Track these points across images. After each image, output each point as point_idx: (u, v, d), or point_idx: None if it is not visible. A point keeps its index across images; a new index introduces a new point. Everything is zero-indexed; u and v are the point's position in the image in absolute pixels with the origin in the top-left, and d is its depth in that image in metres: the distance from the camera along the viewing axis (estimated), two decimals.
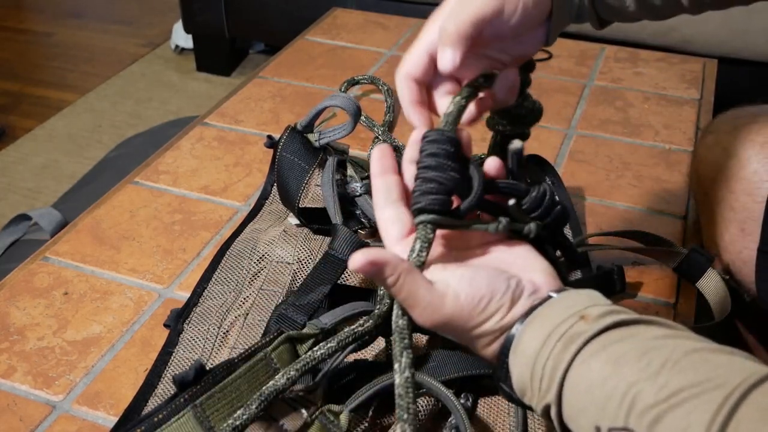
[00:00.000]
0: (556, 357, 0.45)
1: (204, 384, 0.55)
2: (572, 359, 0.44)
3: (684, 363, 0.41)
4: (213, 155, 1.02)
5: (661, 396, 0.39)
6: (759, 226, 0.76)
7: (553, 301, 0.48)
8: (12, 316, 0.76)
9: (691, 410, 0.38)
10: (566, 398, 0.44)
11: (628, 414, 0.40)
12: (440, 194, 0.49)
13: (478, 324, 0.48)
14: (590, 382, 0.43)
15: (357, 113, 0.83)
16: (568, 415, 0.45)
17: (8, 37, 2.73)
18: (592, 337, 0.44)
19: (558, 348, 0.45)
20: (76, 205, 1.27)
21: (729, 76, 1.36)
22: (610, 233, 0.84)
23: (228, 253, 0.81)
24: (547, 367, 0.45)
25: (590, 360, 0.43)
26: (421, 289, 0.47)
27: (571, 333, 0.45)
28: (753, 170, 0.78)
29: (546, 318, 0.47)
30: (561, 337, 0.45)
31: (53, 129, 2.16)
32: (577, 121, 1.11)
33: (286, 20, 2.07)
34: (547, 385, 0.45)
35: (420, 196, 0.49)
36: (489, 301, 0.48)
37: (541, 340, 0.46)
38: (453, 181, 0.49)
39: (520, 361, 0.47)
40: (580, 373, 0.44)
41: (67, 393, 0.67)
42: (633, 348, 0.43)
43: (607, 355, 0.43)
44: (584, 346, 0.44)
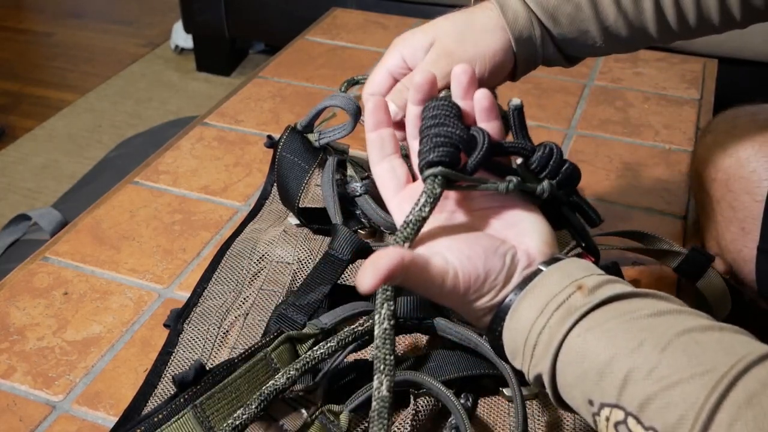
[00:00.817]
0: (553, 328, 0.45)
1: (204, 384, 0.55)
2: (568, 331, 0.44)
3: (677, 344, 0.41)
4: (213, 155, 1.02)
5: (653, 377, 0.40)
6: (759, 225, 0.76)
7: (550, 270, 0.48)
8: (12, 316, 0.76)
9: (681, 394, 0.39)
10: (560, 369, 0.45)
11: (621, 392, 0.41)
12: (449, 147, 0.47)
13: (473, 300, 0.49)
14: (585, 356, 0.43)
15: (357, 113, 0.83)
16: (561, 384, 0.45)
17: (8, 37, 2.73)
18: (588, 311, 0.44)
19: (555, 319, 0.45)
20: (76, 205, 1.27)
21: (729, 76, 1.36)
22: (610, 233, 0.84)
23: (228, 253, 0.81)
24: (543, 336, 0.45)
25: (586, 334, 0.44)
26: (423, 274, 0.47)
27: (568, 305, 0.45)
28: (752, 169, 0.78)
29: (542, 288, 0.47)
30: (558, 307, 0.45)
31: (53, 129, 2.16)
32: (577, 121, 1.11)
33: (286, 20, 2.08)
34: (541, 354, 0.46)
35: (428, 151, 0.48)
36: (484, 281, 0.48)
37: (537, 310, 0.46)
38: (460, 137, 0.48)
39: (515, 329, 0.47)
40: (575, 346, 0.44)
41: (67, 393, 0.67)
42: (628, 326, 0.43)
43: (602, 331, 0.43)
44: (581, 320, 0.44)
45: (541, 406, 0.65)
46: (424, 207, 0.47)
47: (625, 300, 0.45)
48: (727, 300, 0.75)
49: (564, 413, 0.64)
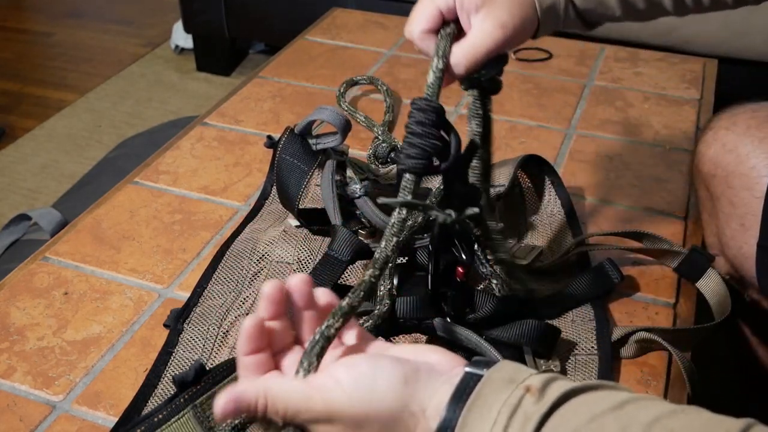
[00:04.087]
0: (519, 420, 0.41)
1: (204, 384, 0.55)
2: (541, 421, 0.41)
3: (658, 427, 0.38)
4: (213, 155, 1.02)
5: None
6: (758, 221, 0.76)
7: (488, 375, 0.44)
8: (12, 316, 0.76)
9: None
10: None
11: None
12: (422, 159, 0.57)
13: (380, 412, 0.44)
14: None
15: (345, 127, 0.84)
16: None
17: (8, 37, 2.73)
18: (546, 416, 0.41)
19: (513, 430, 0.41)
20: (76, 205, 1.27)
21: (729, 76, 1.36)
22: (610, 233, 0.84)
23: (228, 253, 0.81)
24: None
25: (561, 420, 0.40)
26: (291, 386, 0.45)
27: (523, 412, 0.41)
28: (752, 166, 0.78)
29: (487, 395, 0.43)
30: (512, 414, 0.41)
31: (53, 129, 2.16)
32: (577, 121, 1.11)
33: (286, 20, 2.07)
34: None
35: (406, 158, 0.57)
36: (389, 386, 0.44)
37: (490, 421, 0.41)
38: (434, 149, 0.57)
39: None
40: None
41: (67, 393, 0.67)
42: (593, 426, 0.40)
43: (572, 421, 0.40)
44: (541, 428, 0.40)
45: None
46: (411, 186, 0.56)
47: (579, 396, 0.42)
48: (727, 300, 0.75)
49: None
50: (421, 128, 0.57)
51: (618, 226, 0.89)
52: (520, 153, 0.88)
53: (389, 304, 0.66)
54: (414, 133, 0.57)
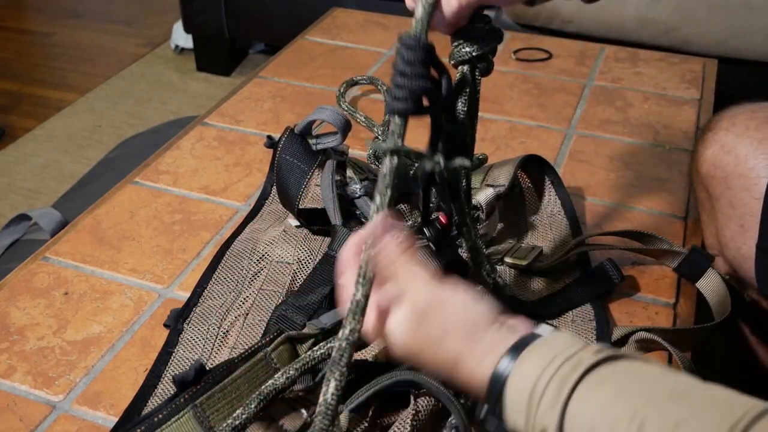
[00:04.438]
0: (563, 376, 0.44)
1: (204, 384, 0.55)
2: (579, 379, 0.44)
3: (690, 395, 0.41)
4: (213, 155, 1.02)
5: (670, 423, 0.39)
6: (757, 222, 0.76)
7: (554, 334, 0.48)
8: (12, 316, 0.76)
9: None
10: (570, 418, 0.43)
11: None
12: (410, 100, 0.53)
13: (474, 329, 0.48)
14: (598, 404, 0.43)
15: (345, 127, 0.84)
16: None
17: (8, 37, 2.73)
18: (597, 363, 0.44)
19: (564, 369, 0.44)
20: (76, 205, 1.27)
21: (729, 76, 1.36)
22: (610, 233, 0.84)
23: (228, 253, 0.81)
24: (552, 384, 0.44)
25: (599, 384, 0.43)
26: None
27: (577, 359, 0.45)
28: (750, 167, 0.78)
29: (551, 343, 0.47)
30: (565, 361, 0.45)
31: (53, 129, 2.16)
32: (577, 121, 1.11)
33: (286, 20, 2.07)
34: (549, 404, 0.44)
35: (393, 100, 0.54)
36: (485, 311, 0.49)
37: (546, 360, 0.45)
38: (424, 89, 0.54)
39: (520, 381, 0.46)
40: (587, 395, 0.43)
41: (67, 393, 0.67)
42: (639, 378, 0.43)
43: (615, 381, 0.43)
44: (591, 370, 0.44)
45: None
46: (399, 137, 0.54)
47: (630, 360, 0.45)
48: (727, 300, 0.75)
49: None
50: (410, 68, 0.53)
51: (618, 226, 0.89)
52: (520, 153, 0.88)
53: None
54: (402, 73, 0.53)
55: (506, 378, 0.47)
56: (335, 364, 0.50)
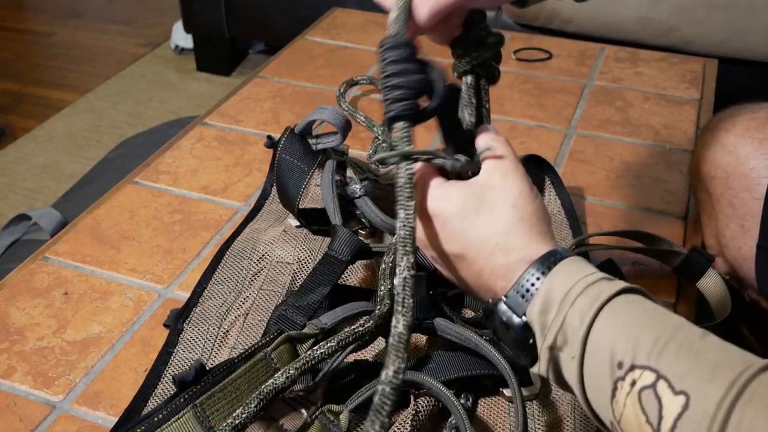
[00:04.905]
0: (602, 285, 0.47)
1: (204, 384, 0.55)
2: (618, 293, 0.47)
3: (711, 337, 0.44)
4: (213, 155, 1.02)
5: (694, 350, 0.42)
6: (758, 222, 0.76)
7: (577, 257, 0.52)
8: (12, 316, 0.76)
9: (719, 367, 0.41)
10: (598, 325, 0.46)
11: (659, 356, 0.42)
12: (409, 99, 0.52)
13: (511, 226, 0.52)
14: (628, 318, 0.46)
15: (345, 127, 0.84)
16: (593, 339, 0.46)
17: (8, 37, 2.73)
18: (633, 290, 0.48)
19: (604, 283, 0.48)
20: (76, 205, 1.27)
21: (729, 76, 1.37)
22: (610, 233, 0.84)
23: (228, 253, 0.81)
24: (592, 288, 0.47)
25: (634, 302, 0.47)
26: None
27: (613, 282, 0.48)
28: (751, 167, 0.78)
29: (587, 264, 0.51)
30: (605, 277, 0.48)
31: (53, 129, 2.16)
32: (577, 121, 1.11)
33: (286, 20, 2.08)
34: (587, 303, 0.47)
35: (391, 104, 0.52)
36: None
37: (587, 270, 0.49)
38: (418, 83, 0.52)
39: (563, 275, 0.49)
40: (621, 307, 0.46)
41: (67, 393, 0.67)
42: (668, 312, 0.46)
43: (646, 306, 0.47)
44: (627, 292, 0.47)
45: (541, 406, 0.65)
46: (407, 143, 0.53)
47: (655, 302, 0.48)
48: (727, 300, 0.75)
49: (564, 413, 0.64)
50: (398, 66, 0.52)
51: (618, 226, 0.89)
52: (520, 153, 0.88)
53: (389, 304, 0.66)
54: (391, 74, 0.52)
55: (539, 280, 0.49)
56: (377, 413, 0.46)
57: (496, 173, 0.54)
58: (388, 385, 0.45)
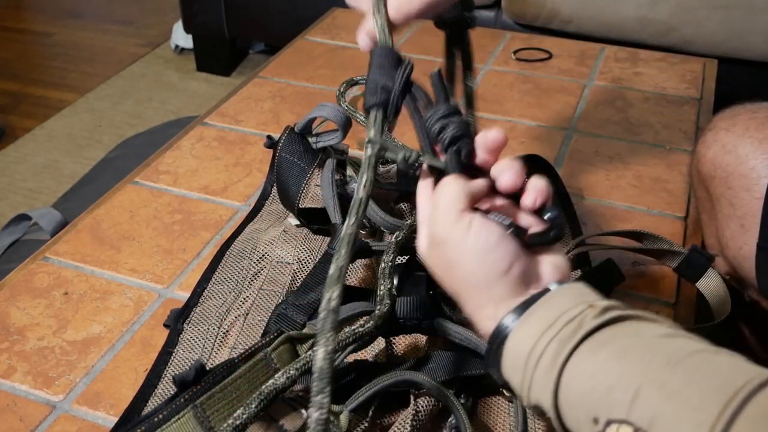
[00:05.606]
0: (563, 340, 0.44)
1: (204, 384, 0.55)
2: (577, 345, 0.44)
3: (688, 363, 0.40)
4: (213, 155, 1.02)
5: (664, 393, 0.39)
6: (758, 222, 0.76)
7: (563, 288, 0.48)
8: (12, 316, 0.76)
9: (694, 409, 0.38)
10: (565, 384, 0.44)
11: (631, 407, 0.40)
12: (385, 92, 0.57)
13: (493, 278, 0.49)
14: (595, 371, 0.43)
15: (345, 124, 0.84)
16: (563, 401, 0.44)
17: (8, 37, 2.73)
18: (599, 328, 0.44)
19: (565, 332, 0.44)
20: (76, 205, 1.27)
21: (729, 76, 1.37)
22: (610, 233, 0.84)
23: (228, 253, 0.81)
24: (551, 346, 0.45)
25: (597, 350, 0.43)
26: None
27: (579, 320, 0.45)
28: (751, 167, 0.78)
29: (554, 302, 0.47)
30: (569, 321, 0.45)
31: (53, 129, 2.16)
32: (577, 121, 1.11)
33: (286, 20, 2.08)
34: (547, 366, 0.44)
35: (369, 95, 0.57)
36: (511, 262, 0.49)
37: (548, 322, 0.45)
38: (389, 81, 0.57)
39: (521, 339, 0.46)
40: (584, 360, 0.43)
41: (67, 393, 0.67)
42: (639, 344, 0.43)
43: (613, 348, 0.43)
44: (591, 335, 0.44)
45: None
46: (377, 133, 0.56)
47: (633, 321, 0.45)
48: (727, 300, 0.75)
49: None
50: (382, 69, 0.58)
51: (618, 226, 0.89)
52: (520, 153, 0.88)
53: (389, 305, 0.66)
54: (375, 73, 0.58)
55: (506, 336, 0.47)
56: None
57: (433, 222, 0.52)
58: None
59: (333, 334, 0.48)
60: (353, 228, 0.53)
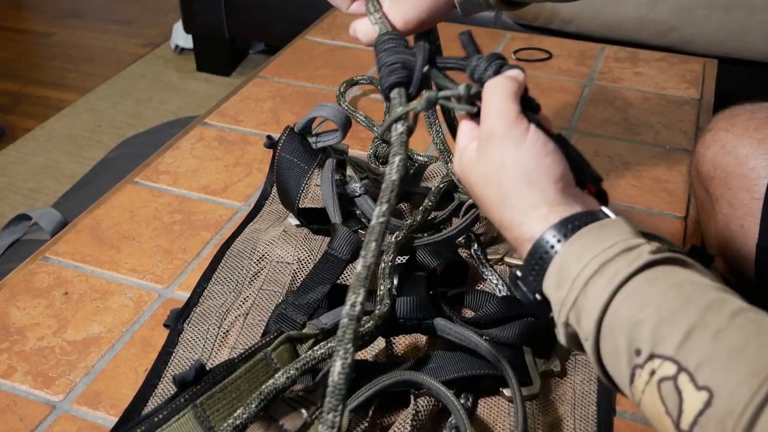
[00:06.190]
0: (620, 263, 0.44)
1: (204, 384, 0.55)
2: (636, 272, 0.43)
3: (745, 316, 0.40)
4: (213, 155, 1.02)
5: (718, 341, 0.39)
6: (758, 222, 0.76)
7: (621, 219, 0.48)
8: (12, 316, 0.76)
9: (747, 359, 0.37)
10: (614, 307, 0.43)
11: (681, 346, 0.39)
12: (398, 70, 0.58)
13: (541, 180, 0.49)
14: (648, 301, 0.42)
15: (345, 124, 0.84)
16: (608, 324, 0.43)
17: (8, 37, 2.73)
18: (658, 262, 0.44)
19: (624, 258, 0.44)
20: (76, 205, 1.27)
21: (729, 76, 1.37)
22: None
23: (228, 253, 0.81)
24: (609, 267, 0.44)
25: (654, 281, 0.43)
26: None
27: (639, 251, 0.44)
28: (751, 167, 0.78)
29: (614, 228, 0.46)
30: (628, 249, 0.44)
31: (53, 129, 2.16)
32: (577, 121, 1.11)
33: (286, 20, 2.07)
34: (601, 285, 0.44)
35: (387, 76, 0.58)
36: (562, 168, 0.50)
37: (608, 242, 0.45)
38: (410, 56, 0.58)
39: (578, 250, 0.45)
40: (640, 288, 0.43)
41: (67, 393, 0.67)
42: (695, 288, 0.42)
43: (670, 283, 0.43)
44: (650, 267, 0.43)
45: (541, 406, 0.65)
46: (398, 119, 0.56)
47: (689, 268, 0.44)
48: None
49: (564, 413, 0.64)
50: (392, 51, 0.59)
51: None
52: None
53: (389, 304, 0.66)
54: (387, 55, 0.59)
55: (554, 249, 0.47)
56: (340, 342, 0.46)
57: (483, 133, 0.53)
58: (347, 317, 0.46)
59: (353, 346, 0.44)
60: (387, 216, 0.49)
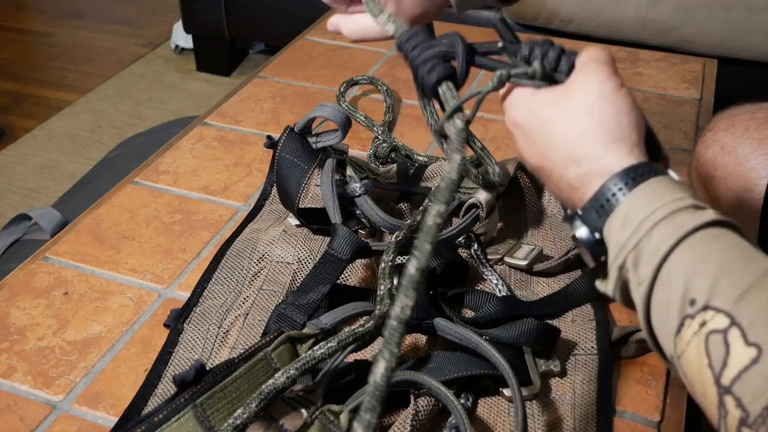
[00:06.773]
0: (691, 213, 0.45)
1: (204, 384, 0.55)
2: (701, 226, 0.44)
3: None
4: (213, 155, 1.02)
5: None
6: (758, 222, 0.76)
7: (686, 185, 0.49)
8: (12, 316, 0.76)
9: None
10: (677, 255, 0.44)
11: (739, 300, 0.40)
12: (441, 64, 0.55)
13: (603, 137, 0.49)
14: (710, 254, 0.43)
15: (345, 124, 0.84)
16: (668, 269, 0.44)
17: (8, 37, 2.73)
18: (721, 223, 0.45)
19: (692, 211, 0.45)
20: (76, 205, 1.27)
21: (729, 76, 1.37)
22: None
23: (228, 253, 0.81)
24: (680, 215, 0.45)
25: (718, 238, 0.44)
26: None
27: (704, 211, 0.45)
28: (751, 167, 0.78)
29: (682, 186, 0.47)
30: (696, 205, 0.45)
31: (53, 129, 2.16)
32: None
33: (286, 20, 2.08)
34: (669, 230, 0.44)
35: (428, 73, 0.55)
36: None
37: (678, 195, 0.46)
38: (447, 46, 0.56)
39: (650, 194, 0.46)
40: (704, 240, 0.44)
41: (67, 393, 0.67)
42: (755, 252, 0.43)
43: (732, 242, 0.44)
44: (714, 225, 0.44)
45: (541, 406, 0.65)
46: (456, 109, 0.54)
47: (747, 239, 0.45)
48: None
49: (564, 413, 0.64)
50: (424, 47, 0.56)
51: None
52: None
53: (389, 304, 0.66)
54: (418, 51, 0.56)
55: (627, 187, 0.47)
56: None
57: (578, 75, 0.52)
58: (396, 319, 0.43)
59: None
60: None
